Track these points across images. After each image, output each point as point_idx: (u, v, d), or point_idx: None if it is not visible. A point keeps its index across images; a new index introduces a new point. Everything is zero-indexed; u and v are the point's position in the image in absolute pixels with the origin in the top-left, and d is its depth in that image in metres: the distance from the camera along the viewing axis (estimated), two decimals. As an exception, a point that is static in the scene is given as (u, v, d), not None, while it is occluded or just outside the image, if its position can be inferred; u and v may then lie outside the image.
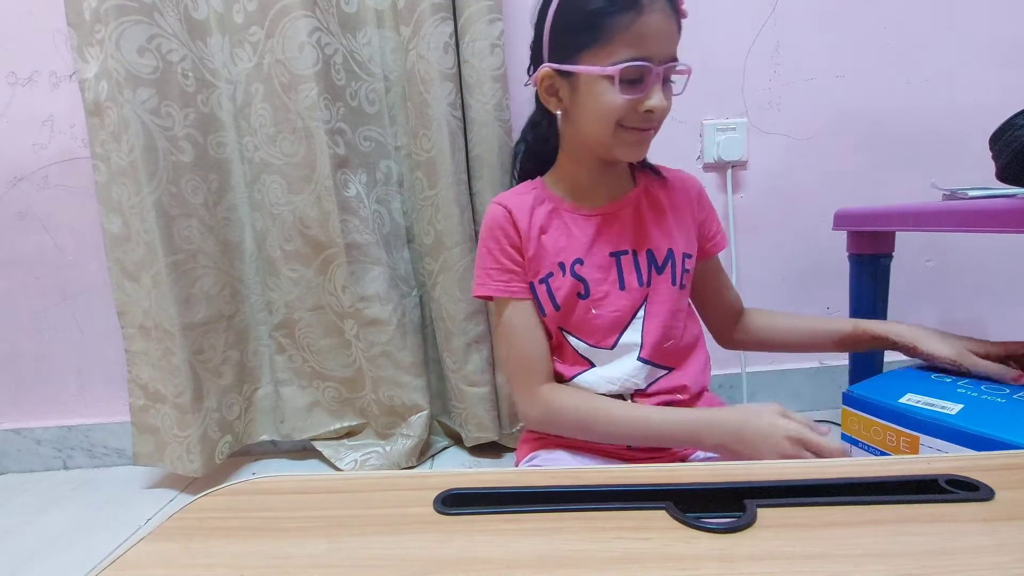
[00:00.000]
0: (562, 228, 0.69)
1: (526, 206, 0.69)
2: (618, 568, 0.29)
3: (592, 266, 0.67)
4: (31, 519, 1.06)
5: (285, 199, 1.11)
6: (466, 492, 0.37)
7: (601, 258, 0.68)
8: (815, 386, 1.30)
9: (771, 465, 0.40)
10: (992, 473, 0.35)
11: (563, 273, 0.67)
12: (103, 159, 1.09)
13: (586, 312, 0.67)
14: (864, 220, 0.94)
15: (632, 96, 0.59)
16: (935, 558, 0.28)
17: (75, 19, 1.04)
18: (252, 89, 1.08)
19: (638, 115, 0.60)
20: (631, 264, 0.68)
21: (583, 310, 0.67)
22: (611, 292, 0.67)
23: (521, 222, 0.68)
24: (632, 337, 0.67)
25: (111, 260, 1.12)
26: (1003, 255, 1.27)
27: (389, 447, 1.16)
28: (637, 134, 0.62)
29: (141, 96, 1.01)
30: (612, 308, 0.67)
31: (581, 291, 0.67)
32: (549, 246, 0.68)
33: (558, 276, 0.67)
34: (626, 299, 0.67)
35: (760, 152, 1.22)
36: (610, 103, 0.60)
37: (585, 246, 0.68)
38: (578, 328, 0.68)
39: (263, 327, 1.21)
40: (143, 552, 0.33)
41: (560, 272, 0.67)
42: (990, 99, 1.14)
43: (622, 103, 0.59)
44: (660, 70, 0.59)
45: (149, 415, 1.16)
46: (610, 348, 0.67)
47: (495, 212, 0.69)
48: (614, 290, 0.67)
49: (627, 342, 0.67)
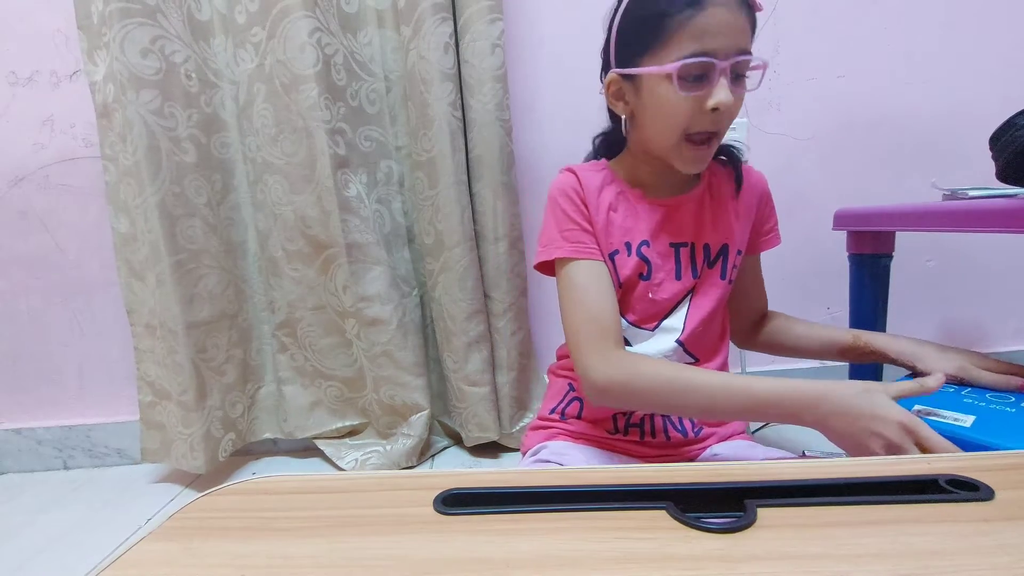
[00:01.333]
0: (630, 210, 0.69)
1: (596, 181, 0.69)
2: (618, 568, 0.29)
3: (655, 252, 0.68)
4: (31, 519, 1.06)
5: (287, 199, 1.11)
6: (466, 492, 0.37)
7: (663, 246, 0.68)
8: (815, 386, 1.30)
9: (771, 465, 0.40)
10: (992, 473, 0.35)
11: (628, 252, 0.67)
12: (112, 160, 1.09)
13: (644, 293, 0.68)
14: (865, 220, 0.94)
15: (695, 94, 0.58)
16: (935, 558, 0.28)
17: (84, 22, 1.04)
18: (254, 89, 1.09)
19: (704, 117, 0.59)
20: (688, 256, 0.69)
21: (642, 291, 0.68)
22: (667, 280, 0.68)
23: (591, 193, 0.68)
24: (674, 322, 0.68)
25: (119, 259, 1.13)
26: (1003, 255, 1.27)
27: (390, 447, 1.16)
28: (697, 150, 0.61)
29: (144, 97, 1.01)
30: (666, 295, 0.68)
31: (644, 272, 0.67)
32: (617, 223, 0.68)
33: (623, 254, 0.67)
34: (678, 288, 0.68)
35: (760, 152, 1.22)
36: (673, 104, 0.58)
37: (651, 231, 0.68)
38: (629, 307, 0.69)
39: (266, 326, 1.21)
40: (143, 552, 0.33)
41: (626, 251, 0.67)
42: (990, 99, 1.15)
43: (685, 104, 0.58)
44: (725, 65, 0.56)
45: (156, 412, 1.16)
46: (651, 330, 0.69)
47: (566, 178, 0.69)
48: (670, 278, 0.68)
49: (668, 326, 0.68)
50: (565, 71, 1.18)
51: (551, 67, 1.18)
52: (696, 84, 0.57)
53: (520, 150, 1.17)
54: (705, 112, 0.58)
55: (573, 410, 0.72)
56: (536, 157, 1.21)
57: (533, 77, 1.18)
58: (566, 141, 1.19)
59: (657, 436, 0.69)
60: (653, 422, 0.69)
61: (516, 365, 1.17)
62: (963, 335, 1.31)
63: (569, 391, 0.73)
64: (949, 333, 1.32)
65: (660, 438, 0.69)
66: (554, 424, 0.73)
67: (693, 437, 0.69)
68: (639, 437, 0.69)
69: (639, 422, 0.69)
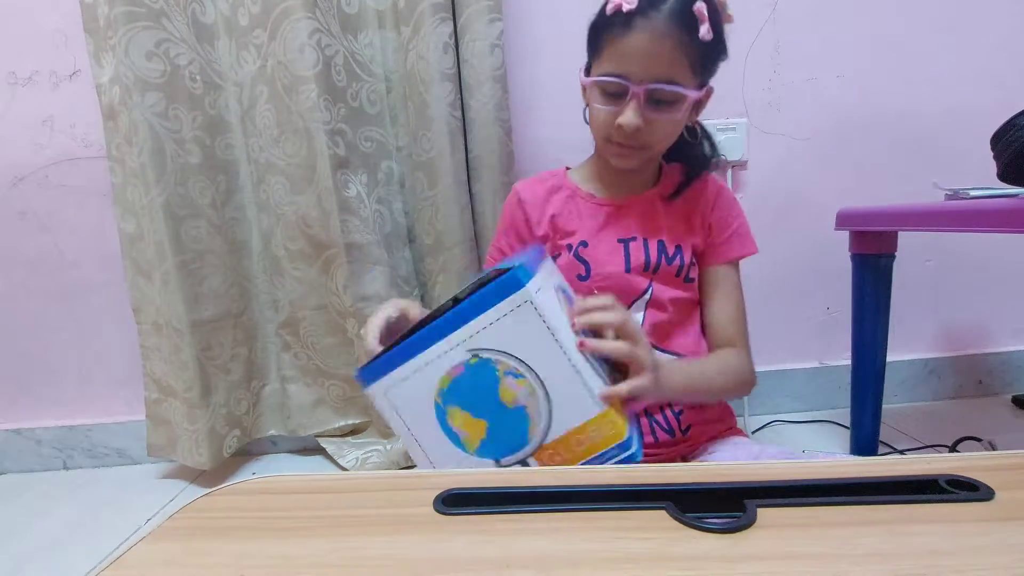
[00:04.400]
0: (574, 213, 0.73)
1: (542, 191, 0.75)
2: (618, 568, 0.29)
3: (598, 250, 0.70)
4: (31, 519, 1.06)
5: (288, 199, 1.11)
6: (466, 492, 0.37)
7: (610, 243, 0.70)
8: (815, 386, 1.30)
9: (771, 465, 0.40)
10: (992, 473, 0.35)
11: (569, 253, 0.71)
12: (118, 161, 1.10)
13: (589, 291, 0.69)
14: (867, 220, 0.94)
15: (608, 108, 0.63)
16: (935, 558, 0.28)
17: (91, 25, 1.05)
18: (257, 91, 1.09)
19: (619, 130, 0.63)
20: (640, 248, 0.70)
21: (585, 291, 0.69)
22: (615, 274, 0.69)
23: (534, 205, 0.74)
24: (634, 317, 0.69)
25: (127, 259, 1.14)
26: (1003, 255, 1.27)
27: (390, 446, 1.17)
28: (620, 148, 0.66)
29: (149, 100, 1.02)
30: (616, 289, 0.68)
31: (582, 273, 0.70)
32: (560, 227, 0.73)
33: (564, 256, 0.71)
34: (631, 281, 0.69)
35: (760, 152, 1.22)
36: (595, 112, 0.66)
37: (593, 231, 0.71)
38: None
39: (270, 325, 1.22)
40: (143, 552, 0.33)
41: (567, 252, 0.71)
42: (991, 99, 1.14)
43: (603, 115, 0.64)
44: (638, 90, 0.60)
45: (162, 408, 1.17)
46: None
47: (509, 196, 0.78)
48: (619, 272, 0.69)
49: None
50: (565, 71, 1.17)
51: (551, 67, 1.18)
52: (612, 100, 0.63)
53: (520, 150, 1.17)
54: (618, 126, 0.62)
55: None
56: (536, 157, 1.21)
57: (533, 77, 1.18)
58: (566, 141, 1.19)
59: (645, 437, 0.68)
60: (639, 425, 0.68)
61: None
62: (963, 335, 1.32)
63: None
64: (949, 333, 1.32)
65: (648, 439, 0.68)
66: None
67: (681, 436, 0.69)
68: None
69: None
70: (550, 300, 0.52)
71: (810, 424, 1.24)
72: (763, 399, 1.30)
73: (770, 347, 1.28)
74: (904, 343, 1.27)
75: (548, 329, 0.49)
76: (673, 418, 0.69)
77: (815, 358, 1.30)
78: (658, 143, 0.67)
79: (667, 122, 0.64)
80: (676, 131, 0.67)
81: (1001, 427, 1.16)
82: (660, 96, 0.61)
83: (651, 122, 0.62)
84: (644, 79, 0.60)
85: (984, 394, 1.32)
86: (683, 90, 0.61)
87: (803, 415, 1.28)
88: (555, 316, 0.50)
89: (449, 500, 0.36)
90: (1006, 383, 1.32)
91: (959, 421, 1.19)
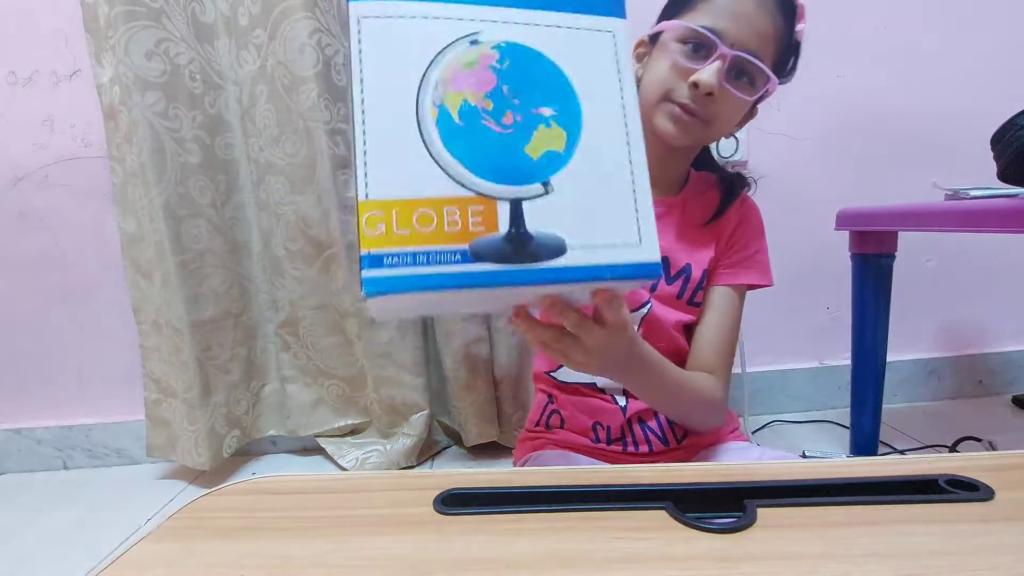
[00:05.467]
0: None
1: None
2: (618, 568, 0.29)
3: None
4: (31, 519, 1.06)
5: (288, 199, 1.11)
6: (466, 492, 0.37)
7: None
8: (815, 386, 1.30)
9: (771, 465, 0.40)
10: (992, 473, 0.35)
11: None
12: (119, 161, 1.10)
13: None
14: (867, 220, 0.94)
15: (686, 62, 0.56)
16: (935, 558, 0.28)
17: (91, 25, 1.05)
18: (257, 91, 1.09)
19: (686, 90, 0.56)
20: None
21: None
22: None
23: None
24: None
25: (127, 259, 1.14)
26: (1003, 255, 1.27)
27: (390, 446, 1.17)
28: (681, 110, 0.57)
29: (149, 99, 1.02)
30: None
31: None
32: None
33: None
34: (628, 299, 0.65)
35: (760, 152, 1.22)
36: (666, 63, 0.57)
37: None
38: None
39: (270, 325, 1.22)
40: (143, 552, 0.33)
41: None
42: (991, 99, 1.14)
43: (669, 69, 0.57)
44: (725, 50, 0.54)
45: (162, 409, 1.17)
46: None
47: None
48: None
49: None
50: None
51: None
52: (692, 56, 0.56)
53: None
54: (688, 83, 0.56)
55: (555, 422, 0.70)
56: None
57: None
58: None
59: (640, 446, 0.67)
60: (633, 433, 0.67)
61: (515, 365, 1.17)
62: (963, 335, 1.32)
63: (548, 403, 0.71)
64: (949, 333, 1.32)
65: (643, 448, 0.67)
66: (541, 435, 0.72)
67: (676, 445, 0.67)
68: (622, 449, 0.67)
69: (620, 435, 0.67)
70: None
71: (810, 424, 1.24)
72: (763, 399, 1.30)
73: (770, 347, 1.28)
74: (904, 343, 1.27)
75: (619, 72, 0.37)
76: (667, 425, 0.66)
77: (815, 358, 1.30)
78: (718, 124, 0.60)
79: (737, 103, 0.58)
80: (736, 119, 0.62)
81: (1001, 427, 1.16)
82: (744, 68, 0.56)
83: (723, 95, 0.56)
84: (736, 43, 0.55)
85: (984, 394, 1.32)
86: (766, 69, 0.56)
87: (803, 415, 1.28)
88: (629, 83, 0.37)
89: (449, 500, 0.36)
90: (1006, 383, 1.32)
91: (959, 421, 1.19)
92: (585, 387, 0.67)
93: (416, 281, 0.33)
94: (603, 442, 0.67)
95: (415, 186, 0.33)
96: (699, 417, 0.64)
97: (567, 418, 0.69)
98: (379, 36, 0.34)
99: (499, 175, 0.35)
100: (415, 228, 0.33)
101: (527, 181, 0.35)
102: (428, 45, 0.34)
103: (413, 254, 0.33)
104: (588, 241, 0.36)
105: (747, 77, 0.57)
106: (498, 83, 0.35)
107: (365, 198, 0.33)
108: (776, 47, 0.57)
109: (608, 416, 0.66)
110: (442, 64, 0.34)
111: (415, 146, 0.34)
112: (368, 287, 0.32)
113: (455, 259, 0.34)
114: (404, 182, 0.33)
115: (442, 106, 0.34)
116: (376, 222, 0.33)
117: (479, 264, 0.34)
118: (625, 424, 0.66)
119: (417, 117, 0.34)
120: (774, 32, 0.56)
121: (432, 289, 0.33)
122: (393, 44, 0.34)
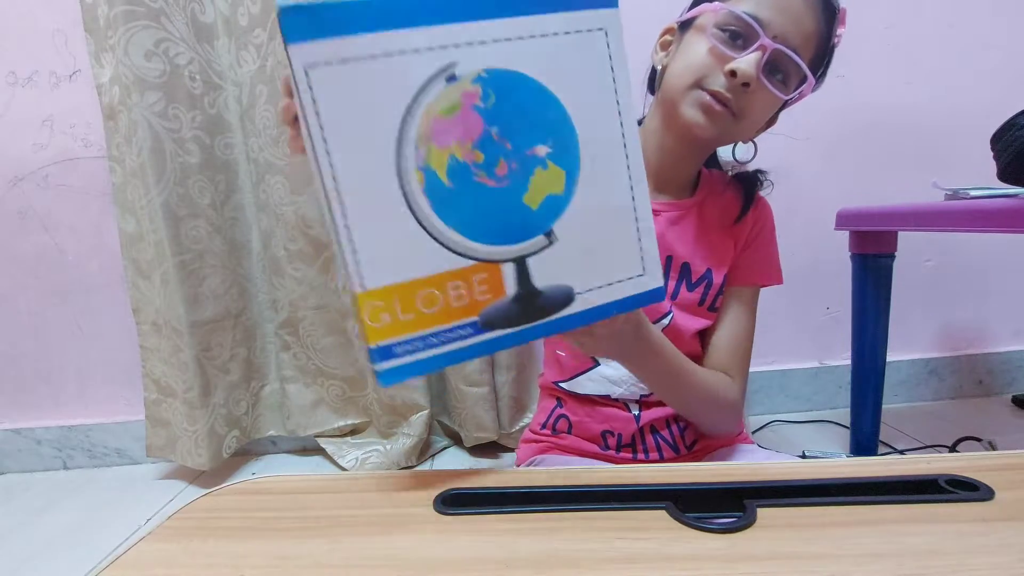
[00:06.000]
0: None
1: None
2: (618, 568, 0.29)
3: None
4: (31, 519, 1.06)
5: (288, 199, 1.11)
6: (466, 492, 0.37)
7: None
8: (815, 386, 1.30)
9: (771, 465, 0.40)
10: (992, 473, 0.35)
11: None
12: (118, 161, 1.10)
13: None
14: (867, 220, 0.94)
15: (723, 49, 0.53)
16: (935, 558, 0.28)
17: (91, 25, 1.05)
18: (257, 91, 1.09)
19: (721, 78, 0.54)
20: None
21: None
22: None
23: None
24: None
25: (126, 259, 1.14)
26: (1003, 255, 1.27)
27: (390, 446, 1.17)
28: (713, 98, 0.54)
29: (148, 100, 1.02)
30: None
31: None
32: None
33: None
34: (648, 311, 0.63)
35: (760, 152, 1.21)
36: (702, 48, 0.54)
37: None
38: None
39: (270, 325, 1.22)
40: (143, 552, 0.33)
41: None
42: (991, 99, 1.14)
43: (705, 55, 0.54)
44: (767, 42, 0.52)
45: (162, 409, 1.17)
46: None
47: None
48: None
49: None
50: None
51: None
52: (730, 43, 0.54)
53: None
54: (723, 71, 0.53)
55: (563, 426, 0.69)
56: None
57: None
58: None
59: (651, 454, 0.66)
60: (645, 441, 0.66)
61: (515, 365, 1.17)
62: (963, 335, 1.32)
63: (556, 407, 0.70)
64: (949, 333, 1.32)
65: (654, 455, 0.66)
66: (546, 439, 0.71)
67: (686, 452, 0.67)
68: (632, 456, 0.66)
69: (631, 442, 0.66)
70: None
71: (810, 424, 1.24)
72: (763, 399, 1.30)
73: (770, 347, 1.27)
74: (904, 343, 1.27)
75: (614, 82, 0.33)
76: (678, 434, 0.66)
77: (815, 358, 1.30)
78: (747, 121, 0.57)
79: (770, 99, 0.56)
80: (764, 119, 0.60)
81: (1001, 427, 1.16)
82: (781, 64, 0.54)
83: (759, 89, 0.54)
84: (779, 36, 0.52)
85: (984, 394, 1.32)
86: (805, 68, 0.55)
87: (803, 415, 1.28)
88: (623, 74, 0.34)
89: (449, 500, 0.36)
90: (1006, 383, 1.32)
91: (959, 421, 1.19)
92: (599, 398, 0.66)
93: (430, 363, 0.33)
94: (612, 449, 0.67)
95: (413, 266, 0.32)
96: (713, 417, 0.62)
97: (576, 423, 0.68)
98: (336, 90, 0.28)
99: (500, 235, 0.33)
100: (420, 311, 0.32)
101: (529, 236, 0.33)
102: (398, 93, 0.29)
103: (423, 338, 0.32)
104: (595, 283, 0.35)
105: (782, 75, 0.55)
106: (485, 127, 0.31)
107: (363, 290, 0.31)
108: (815, 48, 0.56)
109: (620, 424, 0.65)
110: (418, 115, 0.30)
111: (406, 223, 0.31)
112: (383, 379, 0.32)
113: (466, 334, 0.33)
114: (401, 264, 0.31)
115: (428, 168, 0.31)
116: (379, 313, 0.31)
117: (491, 333, 0.33)
118: (637, 433, 0.65)
119: (402, 188, 0.31)
120: (816, 32, 0.55)
121: (447, 365, 0.33)
122: (357, 97, 0.29)
